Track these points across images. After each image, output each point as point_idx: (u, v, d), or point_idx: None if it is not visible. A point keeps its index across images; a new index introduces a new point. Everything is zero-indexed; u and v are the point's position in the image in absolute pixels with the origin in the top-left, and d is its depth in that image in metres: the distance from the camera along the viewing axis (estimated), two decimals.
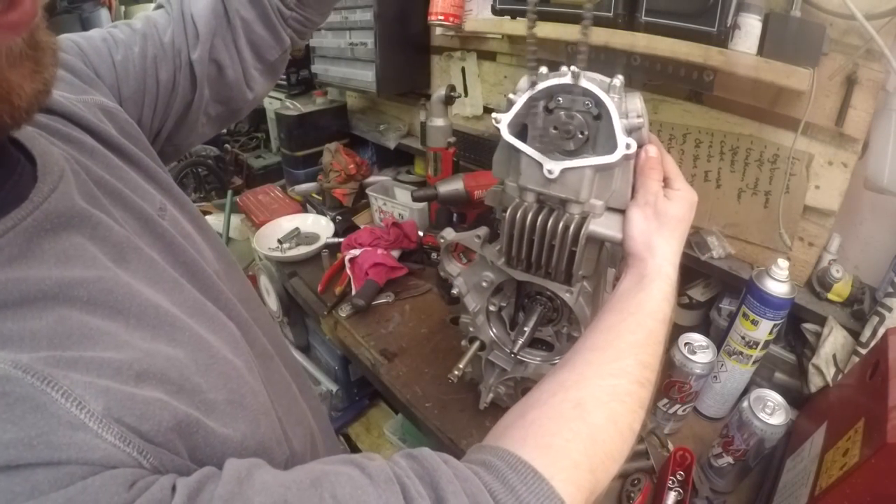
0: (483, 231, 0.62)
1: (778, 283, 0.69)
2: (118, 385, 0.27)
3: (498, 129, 0.51)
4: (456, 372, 0.66)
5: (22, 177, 0.31)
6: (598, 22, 0.77)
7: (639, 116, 0.49)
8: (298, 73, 1.83)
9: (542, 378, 0.42)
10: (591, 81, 0.48)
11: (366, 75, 1.29)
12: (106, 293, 0.31)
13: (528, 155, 0.49)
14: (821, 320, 0.78)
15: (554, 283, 0.57)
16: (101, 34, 0.51)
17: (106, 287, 0.31)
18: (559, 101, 0.50)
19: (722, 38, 0.69)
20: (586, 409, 0.37)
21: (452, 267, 0.70)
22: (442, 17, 1.10)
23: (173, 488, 0.25)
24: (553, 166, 0.47)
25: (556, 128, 0.51)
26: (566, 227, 0.49)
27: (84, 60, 0.47)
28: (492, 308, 0.67)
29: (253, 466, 0.29)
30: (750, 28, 0.69)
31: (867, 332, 0.71)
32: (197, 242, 0.46)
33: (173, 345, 0.33)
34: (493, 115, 0.51)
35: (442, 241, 0.67)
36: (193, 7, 0.53)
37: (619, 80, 0.48)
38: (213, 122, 0.60)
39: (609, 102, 0.47)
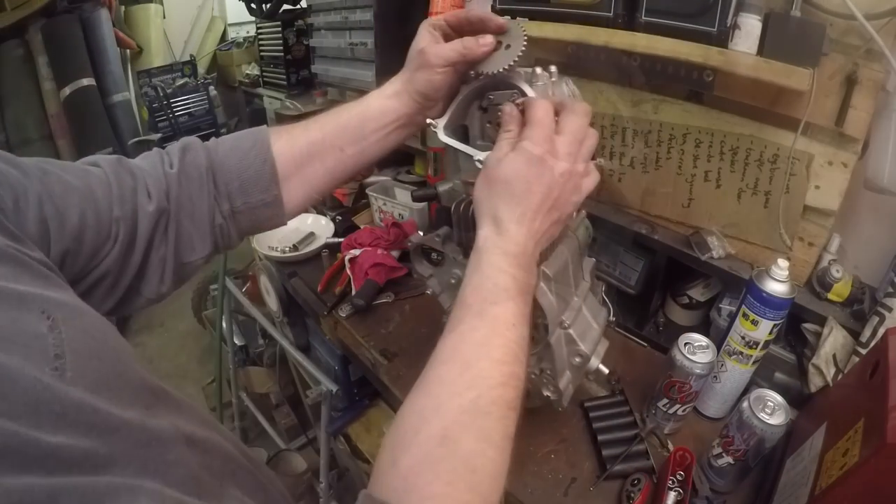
0: (444, 230, 0.65)
1: (778, 283, 0.69)
2: None
3: (435, 133, 0.53)
4: None
5: None
6: (598, 22, 0.77)
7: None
8: (298, 73, 1.83)
9: (406, 398, 0.39)
10: (516, 75, 0.51)
11: (366, 75, 1.29)
12: None
13: (461, 151, 0.52)
14: (821, 320, 0.78)
15: None
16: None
17: None
18: (490, 98, 0.53)
19: (722, 38, 0.69)
20: (454, 440, 0.35)
21: (423, 268, 0.71)
22: None
23: None
24: (482, 156, 0.49)
25: (490, 122, 0.54)
26: None
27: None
28: None
29: None
30: (750, 28, 0.69)
31: (867, 332, 0.71)
32: (115, 373, 0.32)
33: None
34: (428, 120, 0.54)
35: (410, 244, 0.69)
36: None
37: (540, 69, 0.51)
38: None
39: (530, 91, 0.49)
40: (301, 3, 1.83)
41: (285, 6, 1.80)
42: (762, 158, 0.80)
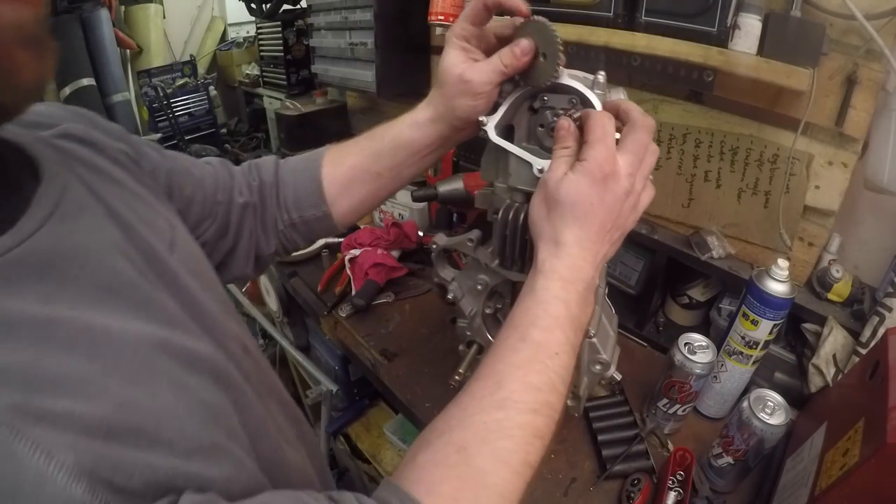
0: (475, 234, 0.63)
1: (778, 283, 0.69)
2: (87, 440, 0.26)
3: (485, 132, 0.51)
4: (457, 377, 0.66)
5: (17, 202, 0.31)
6: (598, 22, 0.78)
7: None
8: (298, 73, 1.83)
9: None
10: (574, 79, 0.49)
11: (366, 75, 1.29)
12: (84, 333, 0.29)
13: (516, 155, 0.49)
14: (821, 320, 0.78)
15: None
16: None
17: (84, 327, 0.29)
18: (544, 100, 0.51)
19: (722, 38, 0.69)
20: (469, 454, 0.35)
21: (446, 272, 0.70)
22: (442, 18, 1.10)
23: None
24: (544, 164, 0.47)
25: (542, 126, 0.51)
26: None
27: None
28: (488, 311, 0.67)
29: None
30: (750, 28, 0.69)
31: (867, 332, 0.71)
32: (207, 277, 0.45)
33: (152, 390, 0.30)
34: (480, 118, 0.52)
35: (434, 247, 0.67)
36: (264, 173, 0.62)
37: (601, 75, 0.48)
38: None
39: (594, 99, 0.47)
40: (301, 3, 1.82)
41: (285, 6, 1.80)
42: (762, 158, 0.80)
